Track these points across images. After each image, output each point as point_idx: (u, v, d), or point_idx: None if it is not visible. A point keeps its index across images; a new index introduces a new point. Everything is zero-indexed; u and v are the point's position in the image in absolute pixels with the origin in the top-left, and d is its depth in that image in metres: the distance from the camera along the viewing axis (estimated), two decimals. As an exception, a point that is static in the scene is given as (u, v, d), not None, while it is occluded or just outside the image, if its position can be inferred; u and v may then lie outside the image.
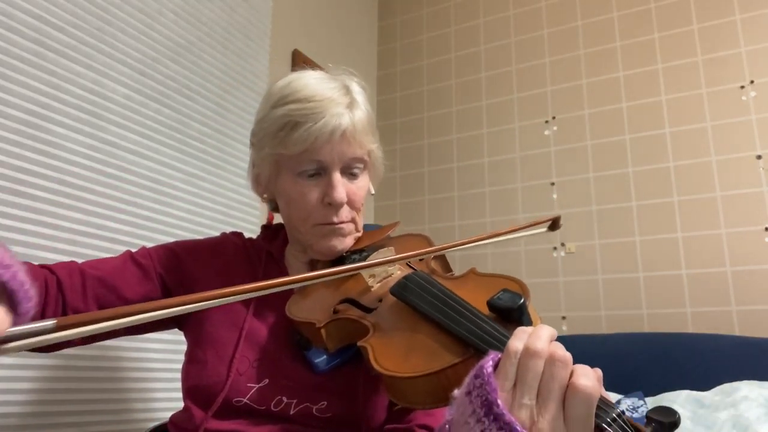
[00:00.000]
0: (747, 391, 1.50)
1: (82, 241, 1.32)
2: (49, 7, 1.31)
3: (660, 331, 1.98)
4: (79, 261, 1.29)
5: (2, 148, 1.19)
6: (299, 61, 2.20)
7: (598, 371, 0.53)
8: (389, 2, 2.86)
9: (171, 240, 1.51)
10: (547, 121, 2.35)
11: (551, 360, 0.51)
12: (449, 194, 2.48)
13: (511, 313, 0.60)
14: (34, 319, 0.50)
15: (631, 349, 1.85)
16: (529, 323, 0.60)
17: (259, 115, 0.91)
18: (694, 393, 1.60)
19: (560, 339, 0.53)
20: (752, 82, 2.04)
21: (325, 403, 0.79)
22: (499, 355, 0.54)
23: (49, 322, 0.48)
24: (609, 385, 1.60)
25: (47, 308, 0.79)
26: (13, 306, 0.50)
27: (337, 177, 0.85)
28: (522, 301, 0.60)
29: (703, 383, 1.66)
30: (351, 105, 0.86)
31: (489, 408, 0.50)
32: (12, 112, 1.21)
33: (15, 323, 0.48)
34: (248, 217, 1.82)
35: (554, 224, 0.86)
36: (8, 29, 1.22)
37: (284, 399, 0.79)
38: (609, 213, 2.17)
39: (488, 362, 0.53)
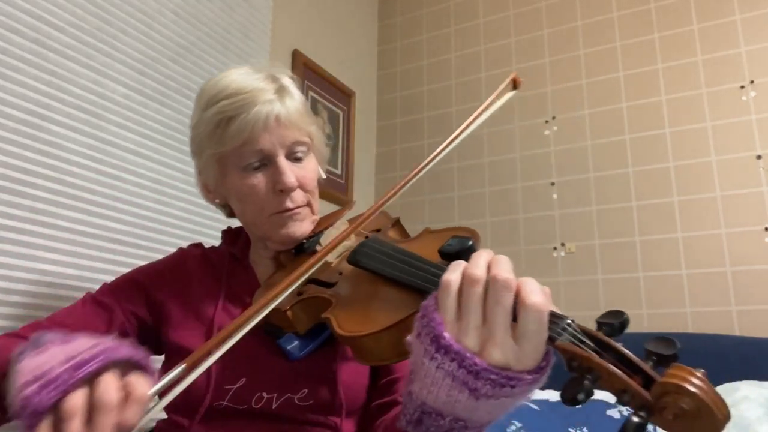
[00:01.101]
0: (747, 391, 1.50)
1: (82, 241, 1.32)
2: (49, 7, 1.31)
3: (660, 331, 1.98)
4: (79, 261, 1.29)
5: (2, 148, 1.19)
6: (299, 61, 2.20)
7: (546, 288, 0.54)
8: (389, 2, 2.86)
9: (170, 240, 1.52)
10: (547, 121, 2.35)
11: (492, 284, 0.51)
12: (449, 194, 2.48)
13: (461, 255, 0.60)
14: None
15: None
16: None
17: (193, 121, 0.91)
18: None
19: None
20: (752, 82, 2.04)
21: (306, 390, 0.80)
22: None
23: (180, 367, 0.57)
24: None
25: None
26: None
27: (283, 162, 0.85)
28: (470, 242, 0.61)
29: (703, 383, 1.66)
30: (280, 91, 0.87)
31: (437, 342, 0.51)
32: (12, 112, 1.21)
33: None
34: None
35: (515, 83, 0.87)
36: (8, 29, 1.22)
37: (264, 395, 0.79)
38: (609, 213, 2.17)
39: (431, 300, 0.54)
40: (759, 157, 1.99)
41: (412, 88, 2.69)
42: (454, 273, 0.54)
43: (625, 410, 1.60)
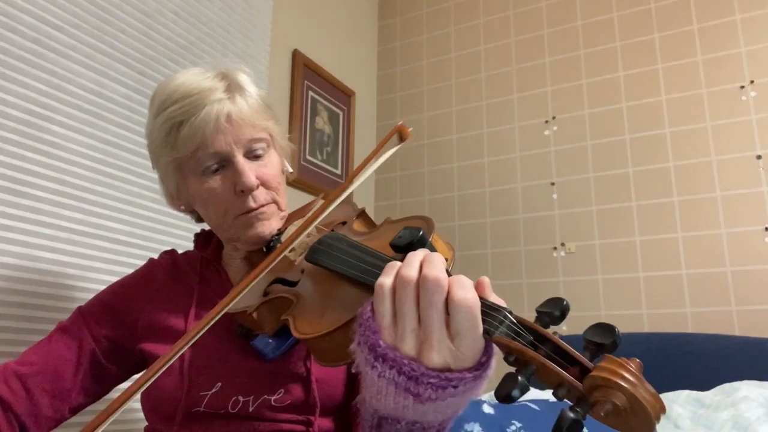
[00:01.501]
0: (747, 391, 1.50)
1: (82, 241, 1.32)
2: (49, 7, 1.31)
3: (660, 331, 1.98)
4: (79, 261, 1.29)
5: (2, 148, 1.19)
6: (299, 61, 2.20)
7: (484, 278, 0.53)
8: (389, 2, 2.86)
9: (170, 240, 1.52)
10: (547, 121, 2.35)
11: (423, 284, 0.50)
12: (449, 194, 2.48)
13: (413, 247, 0.58)
14: None
15: (631, 349, 1.85)
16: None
17: (147, 129, 0.89)
18: (694, 393, 1.60)
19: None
20: (752, 82, 2.04)
21: (282, 390, 0.79)
22: None
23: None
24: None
25: None
26: None
27: (242, 162, 0.83)
28: (420, 233, 0.58)
29: (703, 383, 1.66)
30: (230, 89, 0.84)
31: (374, 351, 0.51)
32: (12, 112, 1.21)
33: None
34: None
35: (401, 135, 0.83)
36: (8, 29, 1.22)
37: (240, 398, 0.78)
38: (609, 213, 2.17)
39: (366, 307, 0.53)
40: (759, 157, 1.99)
41: (412, 88, 2.69)
42: (388, 276, 0.53)
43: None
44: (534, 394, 1.68)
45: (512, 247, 2.29)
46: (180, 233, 1.56)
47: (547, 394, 1.66)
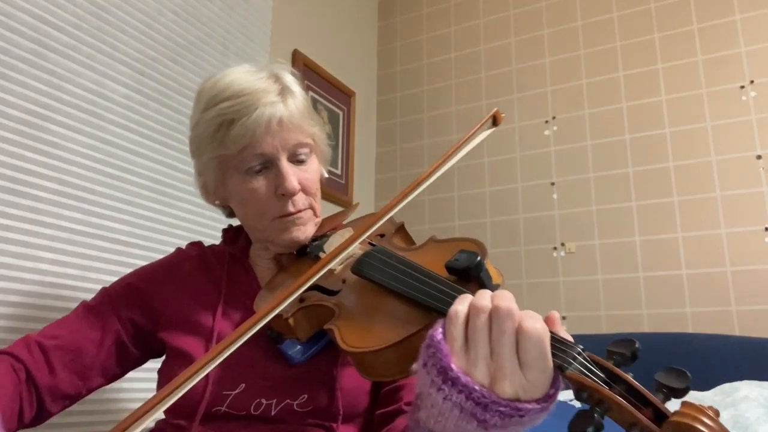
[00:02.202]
0: (747, 391, 1.50)
1: (82, 241, 1.32)
2: (49, 7, 1.31)
3: (660, 331, 1.98)
4: (80, 261, 1.29)
5: (2, 148, 1.19)
6: (299, 61, 2.20)
7: (554, 313, 0.54)
8: (389, 2, 2.86)
9: (170, 240, 1.52)
10: (547, 121, 2.35)
11: (495, 313, 0.51)
12: (449, 194, 2.48)
13: (470, 271, 0.59)
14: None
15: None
16: (489, 279, 0.61)
17: (192, 121, 0.89)
18: (694, 393, 1.60)
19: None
20: (752, 82, 2.04)
21: (306, 396, 0.79)
22: None
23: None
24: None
25: (24, 404, 0.79)
26: None
27: (285, 166, 0.83)
28: (478, 258, 0.60)
29: (703, 383, 1.66)
30: (283, 92, 0.84)
31: (444, 374, 0.51)
32: (12, 112, 1.21)
33: None
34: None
35: (495, 119, 0.84)
36: (8, 29, 1.22)
37: (263, 401, 0.78)
38: (609, 213, 2.17)
39: (437, 330, 0.54)
40: (759, 157, 1.99)
41: (412, 88, 2.69)
42: (461, 304, 0.54)
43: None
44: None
45: (512, 247, 2.29)
46: (180, 233, 1.56)
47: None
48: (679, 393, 0.47)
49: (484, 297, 0.53)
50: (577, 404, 1.56)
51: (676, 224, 2.06)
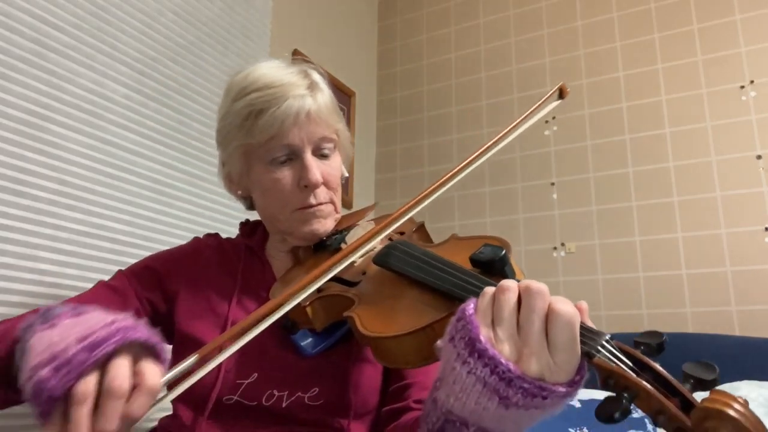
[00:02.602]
0: (747, 391, 1.50)
1: (82, 241, 1.32)
2: (49, 7, 1.31)
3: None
4: (79, 261, 1.29)
5: (2, 148, 1.19)
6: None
7: (583, 303, 0.54)
8: (389, 2, 2.86)
9: (170, 240, 1.52)
10: (547, 121, 2.35)
11: (527, 291, 0.52)
12: (449, 194, 2.48)
13: (494, 264, 0.60)
14: None
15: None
16: (513, 274, 0.61)
17: (221, 112, 0.91)
18: (694, 393, 1.60)
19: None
20: (752, 82, 2.04)
21: (317, 389, 0.79)
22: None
23: (192, 358, 0.56)
24: (609, 385, 1.60)
25: None
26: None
27: (310, 158, 0.85)
28: (503, 252, 0.61)
29: (703, 383, 1.66)
30: (312, 87, 0.86)
31: (472, 346, 0.51)
32: (12, 112, 1.21)
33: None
34: (248, 216, 1.82)
35: (561, 93, 0.86)
36: (8, 29, 1.22)
37: (275, 392, 0.78)
38: (609, 213, 2.17)
39: (469, 305, 0.54)
40: (759, 157, 1.99)
41: (412, 88, 2.69)
42: (491, 286, 0.55)
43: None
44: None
45: (512, 247, 2.29)
46: (180, 233, 1.56)
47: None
48: (708, 384, 0.47)
49: (512, 282, 0.54)
50: (578, 404, 1.56)
51: (676, 224, 2.06)
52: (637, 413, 1.43)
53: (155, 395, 0.51)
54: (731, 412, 0.43)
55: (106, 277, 1.30)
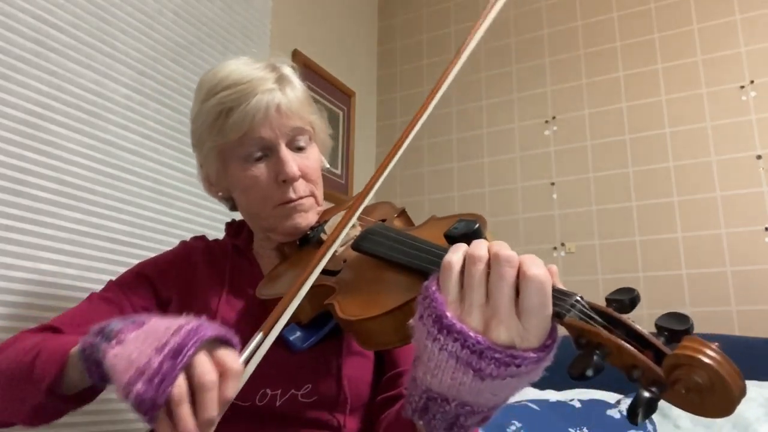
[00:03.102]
0: (747, 391, 1.50)
1: (82, 241, 1.32)
2: (49, 7, 1.31)
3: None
4: (79, 261, 1.29)
5: (2, 148, 1.19)
6: (299, 61, 2.20)
7: (553, 266, 0.53)
8: (389, 2, 2.86)
9: (170, 240, 1.52)
10: (547, 121, 2.35)
11: (495, 260, 0.51)
12: (449, 194, 2.48)
13: (468, 238, 0.59)
14: None
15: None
16: None
17: (192, 114, 0.90)
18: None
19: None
20: (752, 82, 2.04)
21: (309, 385, 0.78)
22: None
23: (258, 336, 0.61)
24: (609, 385, 1.61)
25: None
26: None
27: (285, 152, 0.84)
28: (477, 225, 0.60)
29: (703, 383, 1.66)
30: (280, 80, 0.86)
31: (440, 323, 0.51)
32: (12, 112, 1.21)
33: None
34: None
35: None
36: (8, 29, 1.22)
37: (268, 391, 0.78)
38: (609, 213, 2.17)
39: (432, 281, 0.54)
40: (759, 157, 1.99)
41: (412, 88, 2.69)
42: (455, 254, 0.53)
43: (624, 410, 1.60)
44: (534, 394, 1.68)
45: (512, 247, 2.28)
46: (180, 233, 1.56)
47: (548, 394, 1.66)
48: (680, 334, 0.47)
49: (480, 246, 0.53)
50: (578, 404, 1.56)
51: (676, 224, 2.06)
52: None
53: (240, 375, 0.56)
54: (702, 357, 0.42)
55: (106, 277, 1.30)
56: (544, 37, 2.44)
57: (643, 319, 2.02)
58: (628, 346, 0.46)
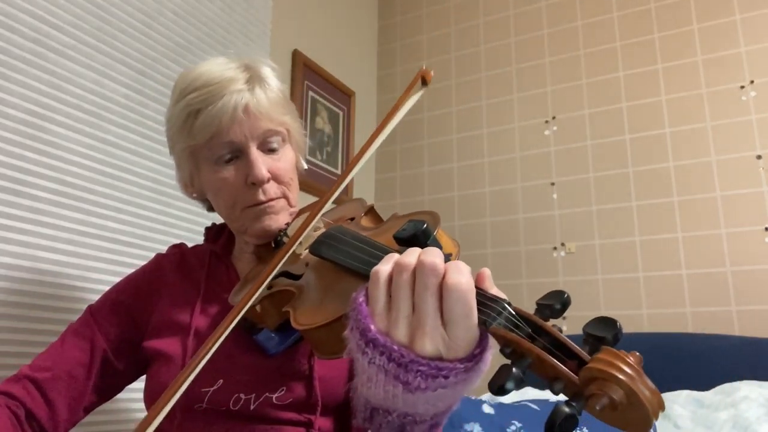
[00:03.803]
0: (747, 391, 1.50)
1: (82, 241, 1.32)
2: (49, 7, 1.31)
3: (660, 331, 1.98)
4: (79, 261, 1.29)
5: (2, 148, 1.19)
6: (299, 61, 2.20)
7: (485, 270, 0.52)
8: (389, 2, 2.86)
9: (170, 240, 1.52)
10: (547, 121, 2.35)
11: (419, 269, 0.49)
12: (449, 194, 2.48)
13: (416, 240, 0.57)
14: None
15: (631, 349, 1.84)
16: (439, 248, 0.57)
17: (166, 115, 0.90)
18: (694, 393, 1.60)
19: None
20: (752, 82, 2.04)
21: (284, 388, 0.78)
22: None
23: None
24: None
25: None
26: None
27: (255, 154, 0.83)
28: (425, 226, 0.57)
29: (703, 383, 1.66)
30: (251, 80, 0.84)
31: (365, 336, 0.50)
32: (12, 112, 1.21)
33: None
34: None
35: (424, 79, 0.81)
36: (8, 29, 1.22)
37: (242, 396, 0.78)
38: (609, 213, 2.17)
39: (360, 292, 0.53)
40: (759, 157, 1.99)
41: (412, 88, 2.69)
42: (385, 264, 0.52)
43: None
44: (534, 394, 1.68)
45: (512, 247, 2.29)
46: (180, 233, 1.56)
47: (548, 394, 1.66)
48: (607, 342, 0.44)
49: (411, 254, 0.51)
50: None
51: (676, 224, 2.06)
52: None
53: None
54: (614, 372, 0.40)
55: (106, 277, 1.30)
56: (544, 37, 2.44)
57: (642, 319, 2.01)
58: (549, 356, 0.44)
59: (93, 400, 0.89)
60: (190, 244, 1.04)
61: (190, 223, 1.60)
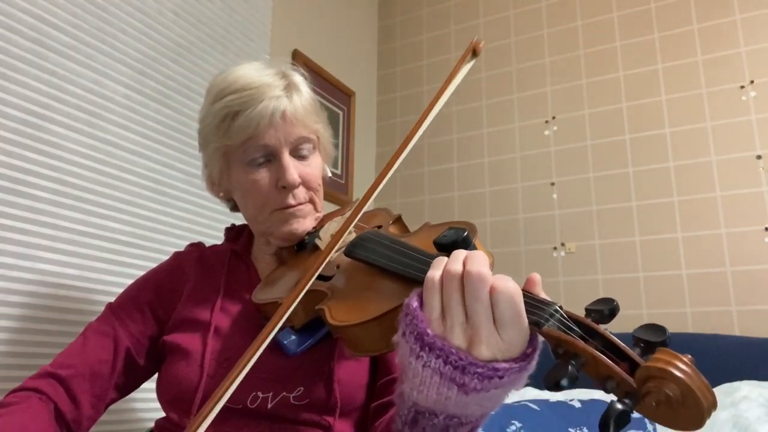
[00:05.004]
0: (747, 391, 1.50)
1: (82, 241, 1.32)
2: (49, 7, 1.31)
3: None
4: (79, 261, 1.29)
5: (2, 148, 1.19)
6: (299, 61, 2.20)
7: (535, 275, 0.55)
8: (389, 2, 2.86)
9: (170, 240, 1.52)
10: (547, 121, 2.35)
11: (467, 279, 0.52)
12: (449, 194, 2.48)
13: (457, 246, 0.60)
14: None
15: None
16: None
17: (201, 114, 0.92)
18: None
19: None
20: (752, 82, 2.04)
21: (302, 388, 0.79)
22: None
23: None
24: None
25: None
26: None
27: (287, 159, 0.86)
28: (465, 233, 0.60)
29: (703, 383, 1.65)
30: (288, 87, 0.87)
31: (422, 340, 0.51)
32: (12, 112, 1.21)
33: None
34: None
35: (475, 50, 0.84)
36: (8, 29, 1.22)
37: (260, 394, 0.78)
38: (609, 213, 2.17)
39: (413, 298, 0.54)
40: (759, 157, 1.99)
41: (412, 88, 2.69)
42: (437, 270, 0.54)
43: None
44: (534, 394, 1.68)
45: (512, 247, 2.29)
46: (180, 233, 1.56)
47: (548, 394, 1.66)
48: (656, 346, 0.47)
49: (456, 261, 0.53)
50: (578, 404, 1.56)
51: (676, 224, 2.06)
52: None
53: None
54: (672, 370, 0.43)
55: (106, 277, 1.30)
56: (544, 37, 2.44)
57: (643, 320, 2.02)
58: (604, 357, 0.47)
59: (114, 396, 0.90)
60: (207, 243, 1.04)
61: (190, 223, 1.60)
